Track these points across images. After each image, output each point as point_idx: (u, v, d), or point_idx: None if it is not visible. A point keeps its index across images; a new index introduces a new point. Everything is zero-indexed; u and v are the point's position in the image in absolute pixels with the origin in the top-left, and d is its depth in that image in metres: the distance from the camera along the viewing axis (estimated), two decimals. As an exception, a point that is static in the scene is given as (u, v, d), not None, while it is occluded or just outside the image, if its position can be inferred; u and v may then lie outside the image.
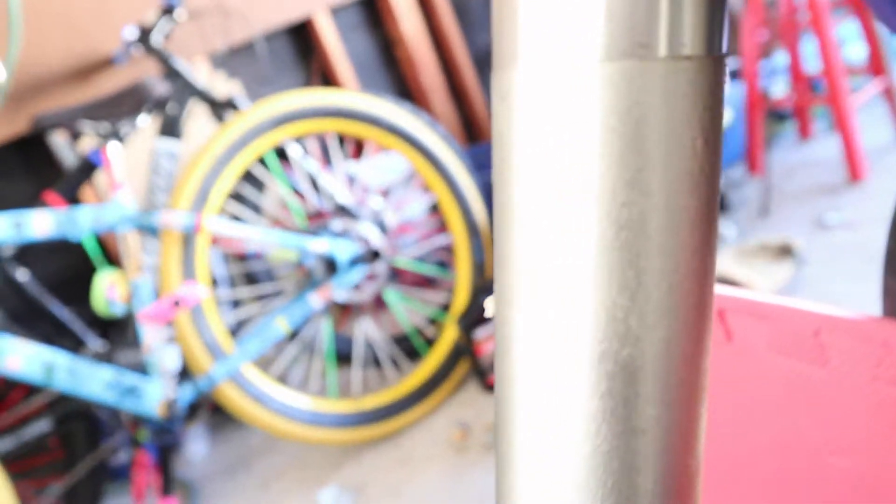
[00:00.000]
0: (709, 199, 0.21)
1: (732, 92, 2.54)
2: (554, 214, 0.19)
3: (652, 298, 0.20)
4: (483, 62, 3.09)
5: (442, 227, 2.22)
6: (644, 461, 0.20)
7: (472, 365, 1.95)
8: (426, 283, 2.36)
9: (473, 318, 1.93)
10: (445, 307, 2.19)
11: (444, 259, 2.30)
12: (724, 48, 0.21)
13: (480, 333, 1.92)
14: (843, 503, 0.54)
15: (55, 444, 1.71)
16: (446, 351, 2.00)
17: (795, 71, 2.52)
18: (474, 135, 3.06)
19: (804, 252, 1.95)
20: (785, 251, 1.96)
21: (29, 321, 1.72)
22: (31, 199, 1.73)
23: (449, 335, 2.02)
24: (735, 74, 2.71)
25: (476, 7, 3.06)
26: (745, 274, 1.86)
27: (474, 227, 2.10)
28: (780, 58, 2.77)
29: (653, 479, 0.21)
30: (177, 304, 1.50)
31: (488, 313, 0.44)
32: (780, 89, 2.75)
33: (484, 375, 1.93)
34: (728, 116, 2.34)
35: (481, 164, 2.51)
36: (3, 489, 1.42)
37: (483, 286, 1.97)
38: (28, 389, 1.69)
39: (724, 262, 1.96)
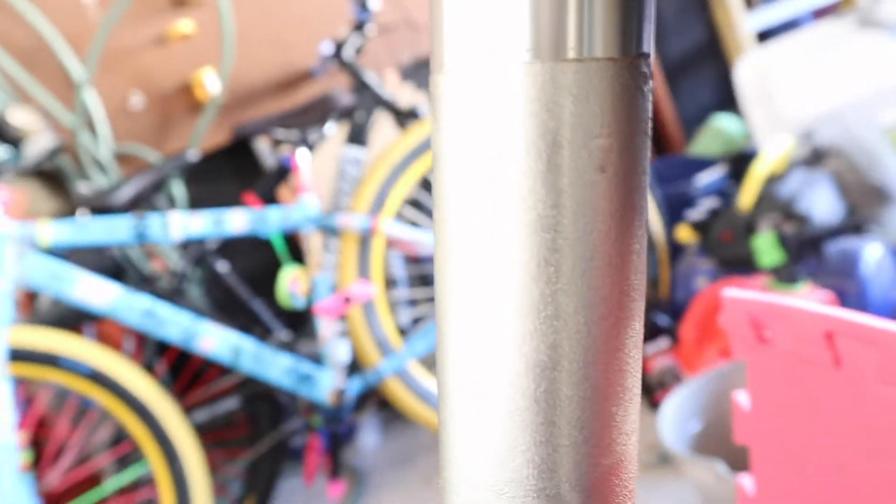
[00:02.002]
0: (618, 196, 0.21)
1: None
2: (479, 205, 0.20)
3: (568, 286, 0.20)
4: (675, 70, 2.98)
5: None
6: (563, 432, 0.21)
7: (638, 381, 1.90)
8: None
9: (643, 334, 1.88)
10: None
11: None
12: (643, 48, 0.21)
13: (649, 349, 1.87)
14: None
15: (243, 421, 1.89)
16: (612, 364, 1.96)
17: None
18: (664, 146, 2.97)
19: None
20: None
21: (227, 310, 1.92)
22: (238, 200, 1.93)
23: (616, 348, 1.98)
24: None
25: (668, 12, 2.97)
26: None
27: (651, 241, 2.04)
28: None
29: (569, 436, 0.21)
30: (347, 300, 1.60)
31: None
32: None
33: (651, 392, 1.87)
34: None
35: (668, 177, 2.44)
36: (196, 455, 1.60)
37: (656, 302, 1.91)
38: (222, 370, 1.88)
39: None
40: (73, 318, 1.70)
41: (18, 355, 1.49)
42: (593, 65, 0.20)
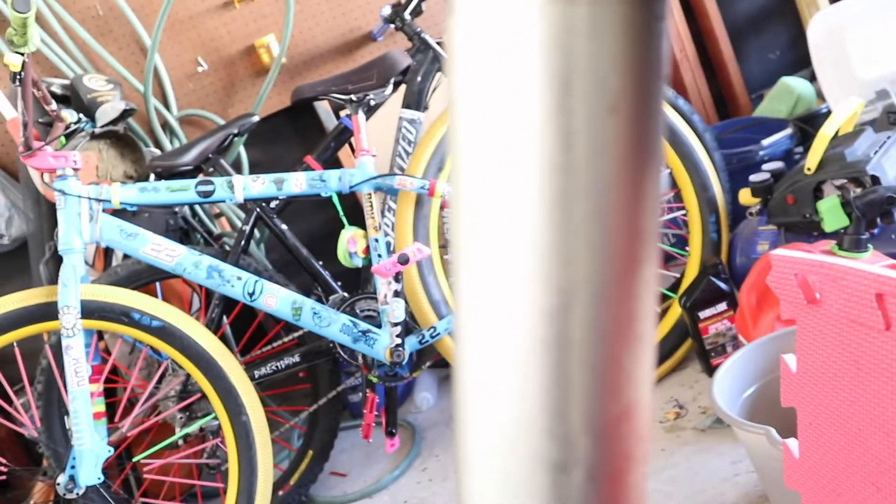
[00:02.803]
0: (631, 138, 0.21)
1: None
2: (491, 150, 0.21)
3: (580, 230, 0.21)
4: (741, 33, 2.89)
5: (679, 202, 2.14)
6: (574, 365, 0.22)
7: (695, 345, 1.88)
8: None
9: (701, 297, 1.86)
10: (674, 284, 2.13)
11: (681, 234, 2.22)
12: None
13: (707, 312, 1.84)
14: None
15: (304, 376, 1.95)
16: (668, 329, 1.95)
17: None
18: (730, 111, 2.89)
19: None
20: None
21: (287, 269, 1.97)
22: (299, 162, 1.97)
23: (673, 313, 1.96)
24: None
25: (736, -29, 2.87)
26: None
27: (712, 204, 2.01)
28: None
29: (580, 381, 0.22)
30: (402, 261, 1.63)
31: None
32: None
33: (708, 356, 1.85)
34: None
35: (733, 140, 2.38)
36: (258, 408, 1.66)
37: (714, 266, 1.88)
38: (283, 327, 1.94)
39: None
40: (144, 276, 1.77)
41: (93, 310, 1.57)
42: (605, 4, 0.20)
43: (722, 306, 1.82)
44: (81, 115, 1.94)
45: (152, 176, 1.97)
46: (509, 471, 0.22)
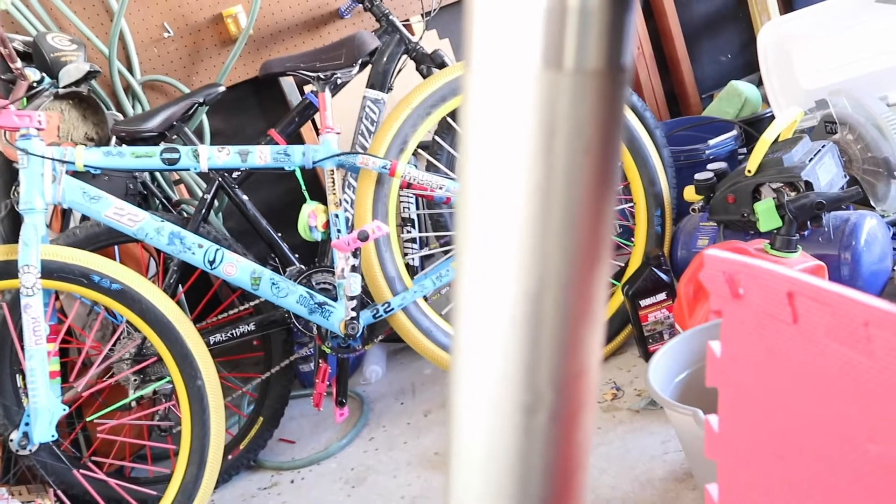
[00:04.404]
0: (596, 172, 0.29)
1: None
2: (492, 174, 0.28)
3: (555, 235, 0.28)
4: (696, 34, 3.00)
5: (627, 195, 2.24)
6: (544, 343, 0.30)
7: (635, 331, 1.98)
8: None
9: (643, 286, 1.96)
10: (619, 272, 2.23)
11: (628, 225, 2.33)
12: (623, 62, 0.29)
13: (647, 301, 1.95)
14: (874, 487, 0.56)
15: (258, 344, 2.00)
16: (611, 315, 2.05)
17: None
18: (681, 109, 3.00)
19: None
20: None
21: (246, 239, 2.01)
22: (264, 133, 2.01)
23: (616, 300, 2.07)
24: None
25: (696, -26, 2.97)
26: None
27: (658, 199, 2.11)
28: None
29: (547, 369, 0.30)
30: (362, 237, 1.69)
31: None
32: None
33: (646, 342, 1.96)
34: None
35: (681, 138, 2.49)
36: (213, 374, 1.71)
37: (657, 258, 1.98)
38: (243, 294, 1.98)
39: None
40: (103, 239, 1.79)
41: (52, 270, 1.59)
42: (585, 75, 0.28)
43: (662, 296, 1.92)
44: (44, 75, 1.94)
45: (114, 140, 1.98)
46: (493, 413, 0.29)
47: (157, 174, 2.22)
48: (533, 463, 0.29)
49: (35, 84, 1.90)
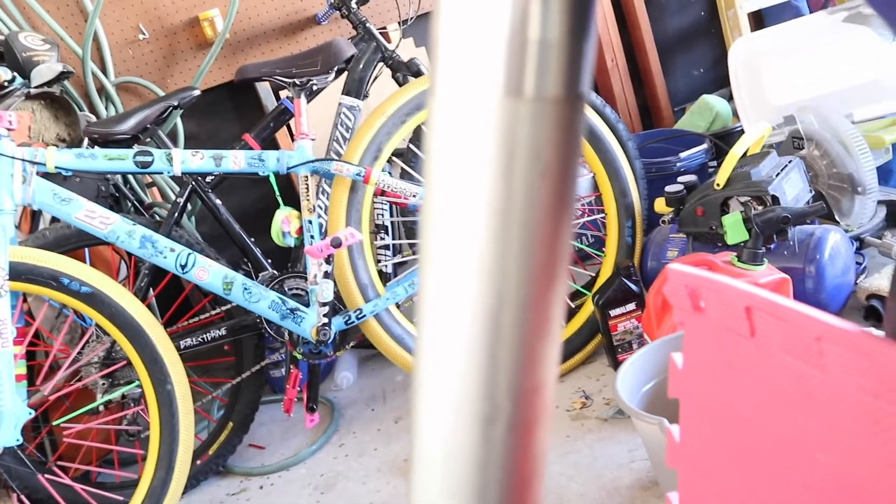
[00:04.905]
0: (553, 195, 0.30)
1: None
2: (454, 193, 0.30)
3: (513, 254, 0.30)
4: (670, 48, 3.04)
5: (599, 206, 2.27)
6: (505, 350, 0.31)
7: (605, 340, 2.01)
8: (576, 257, 2.43)
9: (612, 296, 1.98)
10: (589, 282, 2.26)
11: (599, 236, 2.35)
12: (581, 90, 0.30)
13: (617, 311, 1.97)
14: (824, 495, 0.58)
15: (229, 349, 1.99)
16: (581, 324, 2.07)
17: None
18: (654, 121, 3.04)
19: None
20: None
21: (218, 243, 2.00)
22: (238, 138, 2.00)
23: (586, 310, 2.09)
24: None
25: (670, -11, 3.01)
26: None
27: (629, 210, 2.14)
28: None
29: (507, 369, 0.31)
30: (335, 244, 1.69)
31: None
32: None
33: (615, 352, 1.98)
34: None
35: (653, 150, 2.52)
36: (182, 379, 1.70)
37: (627, 269, 2.01)
38: (214, 298, 1.97)
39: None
40: (73, 241, 1.78)
41: (21, 272, 1.57)
42: (544, 102, 0.29)
43: (631, 306, 1.95)
44: (16, 74, 1.92)
45: (86, 141, 1.96)
46: (453, 422, 0.30)
47: (130, 177, 2.20)
48: (491, 471, 0.31)
49: (6, 83, 1.89)
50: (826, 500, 0.57)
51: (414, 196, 1.92)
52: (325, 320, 1.81)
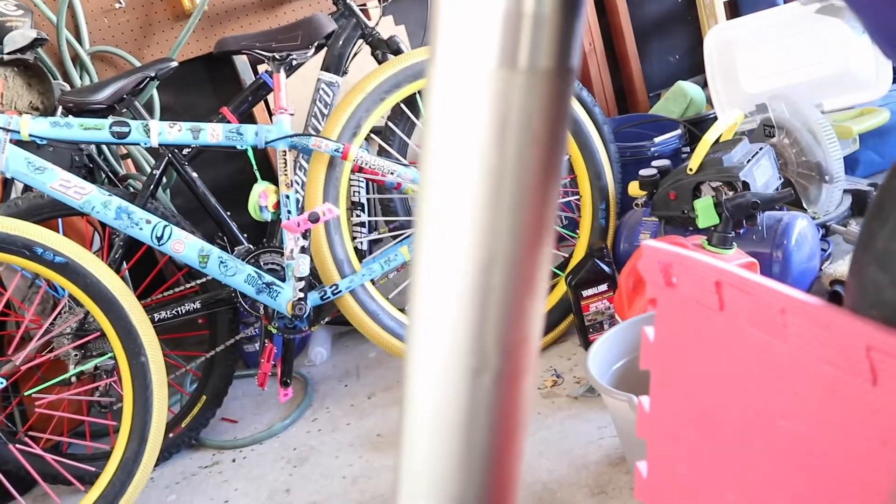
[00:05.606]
0: (542, 161, 0.32)
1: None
2: (451, 160, 0.31)
3: (505, 215, 0.31)
4: (647, 34, 3.07)
5: (574, 188, 2.30)
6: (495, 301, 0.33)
7: (577, 320, 2.04)
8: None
9: (585, 277, 2.01)
10: (563, 263, 2.29)
11: (573, 217, 2.38)
12: (571, 63, 0.32)
13: (589, 291, 2.00)
14: (785, 459, 0.62)
15: (203, 323, 1.99)
16: (553, 304, 2.10)
17: None
18: (629, 105, 3.07)
19: None
20: None
21: (193, 216, 2.00)
22: (214, 111, 1.99)
23: (559, 290, 2.12)
24: None
25: (648, -25, 3.03)
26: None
27: (603, 193, 2.17)
28: None
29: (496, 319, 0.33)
30: (313, 219, 1.70)
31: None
32: None
33: (587, 332, 2.02)
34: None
35: (628, 135, 2.55)
36: (156, 351, 1.70)
37: (600, 250, 2.04)
38: (189, 272, 1.97)
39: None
40: (46, 211, 1.77)
41: (-6, 240, 1.56)
42: (537, 74, 0.31)
43: (603, 287, 1.98)
44: (-12, 40, 1.89)
45: (60, 110, 1.94)
46: (443, 373, 0.32)
47: (105, 147, 2.18)
48: (478, 420, 0.33)
49: (-21, 50, 1.86)
50: (787, 463, 0.61)
51: (391, 173, 1.93)
52: (301, 295, 1.82)
